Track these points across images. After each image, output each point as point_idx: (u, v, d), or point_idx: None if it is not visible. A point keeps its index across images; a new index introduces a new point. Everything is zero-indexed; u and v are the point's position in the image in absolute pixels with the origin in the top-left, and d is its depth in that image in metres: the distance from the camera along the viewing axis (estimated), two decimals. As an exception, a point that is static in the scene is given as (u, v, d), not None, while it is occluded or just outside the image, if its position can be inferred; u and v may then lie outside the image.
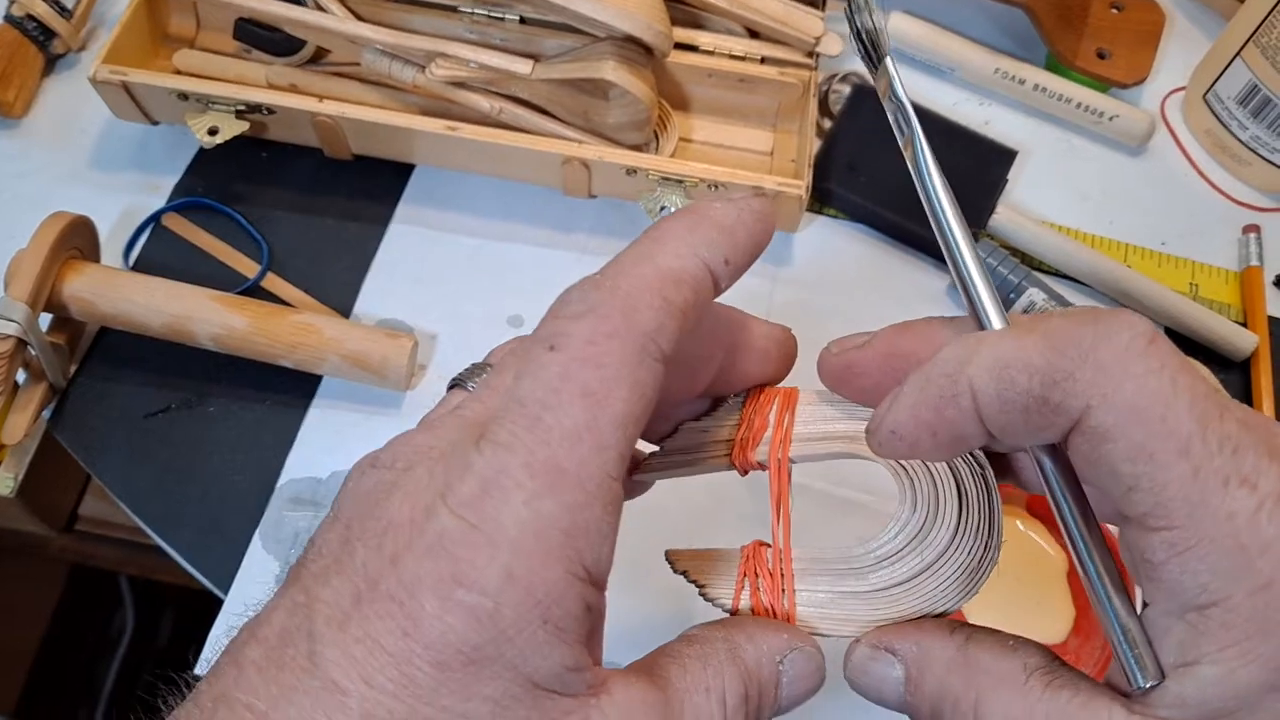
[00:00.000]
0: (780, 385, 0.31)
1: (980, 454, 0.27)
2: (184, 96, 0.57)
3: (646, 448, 0.31)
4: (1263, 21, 0.60)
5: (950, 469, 0.26)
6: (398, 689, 0.21)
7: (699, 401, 0.30)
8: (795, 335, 0.31)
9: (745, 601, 0.28)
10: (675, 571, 0.29)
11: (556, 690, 0.22)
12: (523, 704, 0.21)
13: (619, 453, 0.23)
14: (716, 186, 0.56)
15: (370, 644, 0.21)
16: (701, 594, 0.28)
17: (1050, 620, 0.51)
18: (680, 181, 0.56)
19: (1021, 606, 0.51)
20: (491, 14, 0.58)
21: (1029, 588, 0.52)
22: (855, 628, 0.27)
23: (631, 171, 0.57)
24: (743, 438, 0.29)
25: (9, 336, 0.49)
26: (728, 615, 0.28)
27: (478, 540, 0.21)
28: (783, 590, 0.27)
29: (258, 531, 0.51)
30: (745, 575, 0.28)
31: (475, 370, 0.28)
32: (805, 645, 0.27)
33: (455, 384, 0.28)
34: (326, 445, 0.54)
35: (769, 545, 0.28)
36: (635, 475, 0.30)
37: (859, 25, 0.30)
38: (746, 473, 0.29)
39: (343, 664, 0.21)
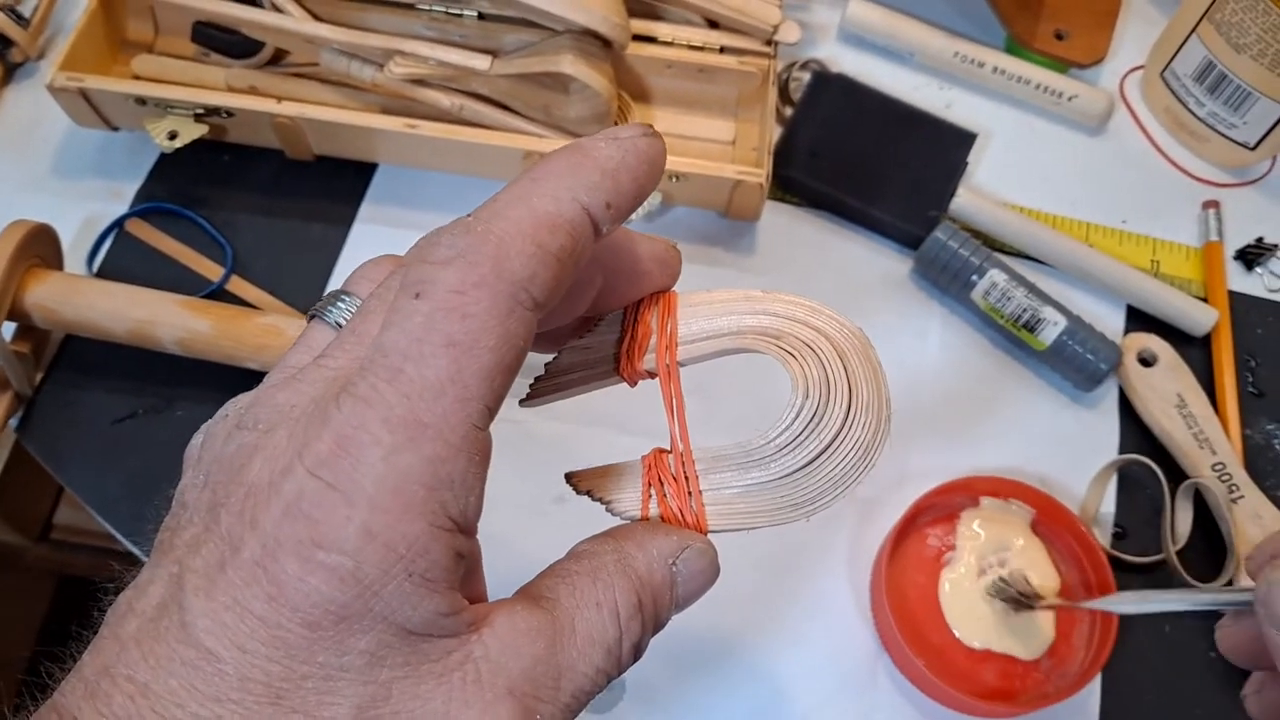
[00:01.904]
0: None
1: (863, 332, 0.27)
2: (142, 101, 0.56)
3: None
4: (1216, -2, 0.60)
5: (837, 352, 0.26)
6: (271, 651, 0.21)
7: (579, 321, 0.29)
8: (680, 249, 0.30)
9: (654, 510, 0.27)
10: (579, 492, 0.28)
11: (433, 634, 0.22)
12: (399, 651, 0.22)
13: (485, 405, 0.22)
14: (677, 178, 0.56)
15: (239, 610, 0.21)
16: (609, 510, 0.28)
17: (1030, 639, 0.50)
18: (642, 173, 0.56)
19: (1008, 624, 0.50)
20: (449, 10, 0.58)
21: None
22: (766, 518, 0.27)
23: (593, 164, 0.57)
24: (628, 349, 0.28)
25: (-29, 347, 0.49)
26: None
27: (334, 499, 0.21)
28: (689, 493, 0.27)
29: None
30: (650, 484, 0.27)
31: (333, 299, 0.27)
32: (695, 543, 0.26)
33: (313, 315, 0.27)
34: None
35: (669, 451, 0.28)
36: (524, 403, 0.30)
37: None
38: (636, 383, 0.29)
39: (215, 631, 0.21)
